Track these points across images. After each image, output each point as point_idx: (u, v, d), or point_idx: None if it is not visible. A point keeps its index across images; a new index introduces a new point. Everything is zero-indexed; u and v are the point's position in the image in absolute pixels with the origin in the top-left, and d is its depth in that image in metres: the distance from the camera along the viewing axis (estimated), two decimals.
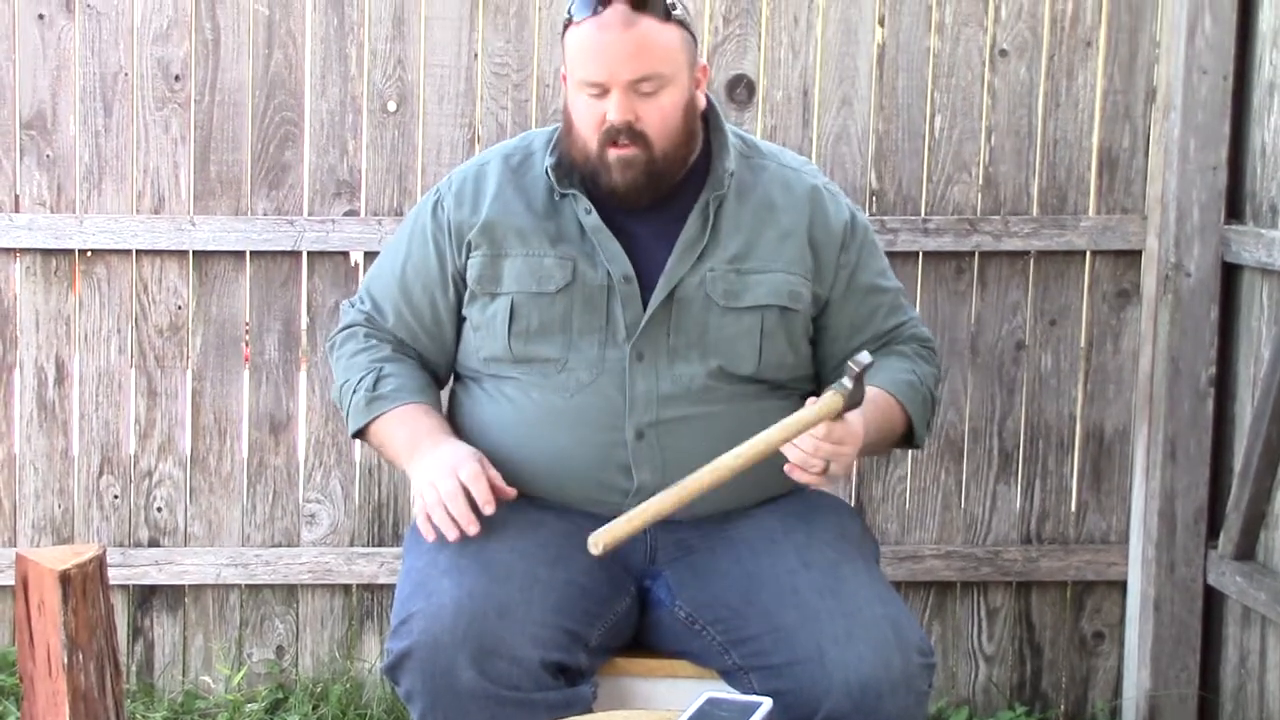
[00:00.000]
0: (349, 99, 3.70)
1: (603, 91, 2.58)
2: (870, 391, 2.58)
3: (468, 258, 2.73)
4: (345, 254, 3.74)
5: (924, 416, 2.78)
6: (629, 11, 2.56)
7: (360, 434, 2.80)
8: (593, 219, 2.66)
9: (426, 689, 2.45)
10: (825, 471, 2.48)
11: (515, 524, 2.59)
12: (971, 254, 3.72)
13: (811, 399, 2.47)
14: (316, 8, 3.68)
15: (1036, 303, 3.76)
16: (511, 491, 2.59)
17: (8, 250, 3.68)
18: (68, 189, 3.68)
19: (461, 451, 2.60)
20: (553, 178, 2.69)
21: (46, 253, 3.69)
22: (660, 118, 2.59)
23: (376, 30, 3.69)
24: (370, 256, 3.73)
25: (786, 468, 2.48)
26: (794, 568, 2.55)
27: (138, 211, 3.69)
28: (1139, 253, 3.72)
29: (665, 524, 2.58)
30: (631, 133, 2.58)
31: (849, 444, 2.48)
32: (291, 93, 3.70)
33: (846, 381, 2.45)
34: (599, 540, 2.41)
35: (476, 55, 3.70)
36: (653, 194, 2.64)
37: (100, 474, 3.74)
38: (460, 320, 2.79)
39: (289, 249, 3.70)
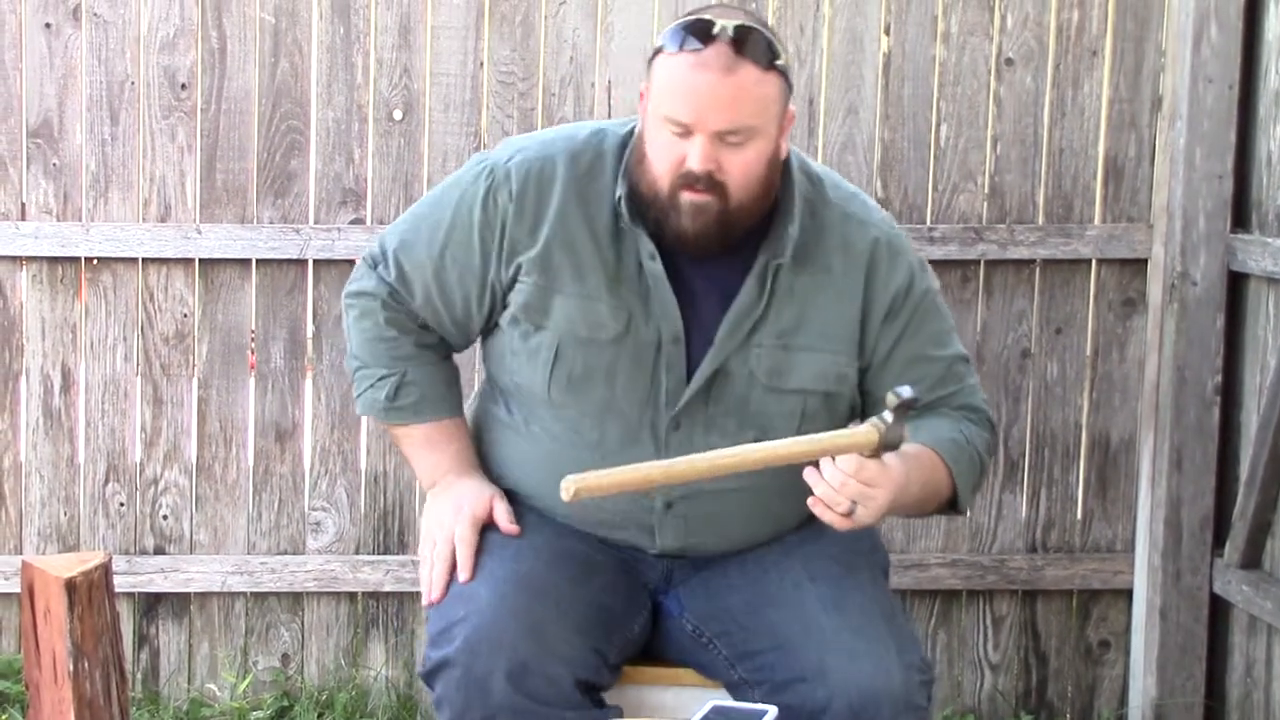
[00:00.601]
0: (355, 107, 3.71)
1: (686, 132, 2.40)
2: (913, 447, 2.44)
3: (515, 278, 2.55)
4: (351, 262, 3.73)
5: (970, 479, 2.58)
6: (731, 55, 2.37)
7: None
8: (656, 267, 2.49)
9: (460, 699, 2.44)
10: (850, 514, 2.33)
11: (542, 533, 2.59)
12: (977, 263, 3.72)
13: (854, 424, 2.35)
14: (323, 16, 3.69)
15: (1042, 311, 3.76)
16: (514, 529, 2.58)
17: (14, 258, 3.69)
18: (74, 197, 3.69)
19: (468, 496, 2.61)
20: (625, 211, 2.50)
21: (53, 261, 3.69)
22: (743, 170, 2.42)
23: (383, 39, 3.69)
24: None
25: (810, 501, 2.35)
26: (800, 581, 2.54)
27: (144, 220, 3.69)
28: (1145, 261, 3.72)
29: (684, 557, 2.61)
30: (710, 181, 2.40)
31: (881, 488, 2.32)
32: (297, 101, 3.70)
33: (886, 415, 2.28)
34: (571, 485, 2.21)
35: (482, 64, 3.70)
36: (721, 244, 2.47)
37: (106, 482, 3.74)
38: (490, 323, 2.64)
39: (294, 257, 3.71)
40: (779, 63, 2.43)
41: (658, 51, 2.46)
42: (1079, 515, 3.81)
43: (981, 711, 3.84)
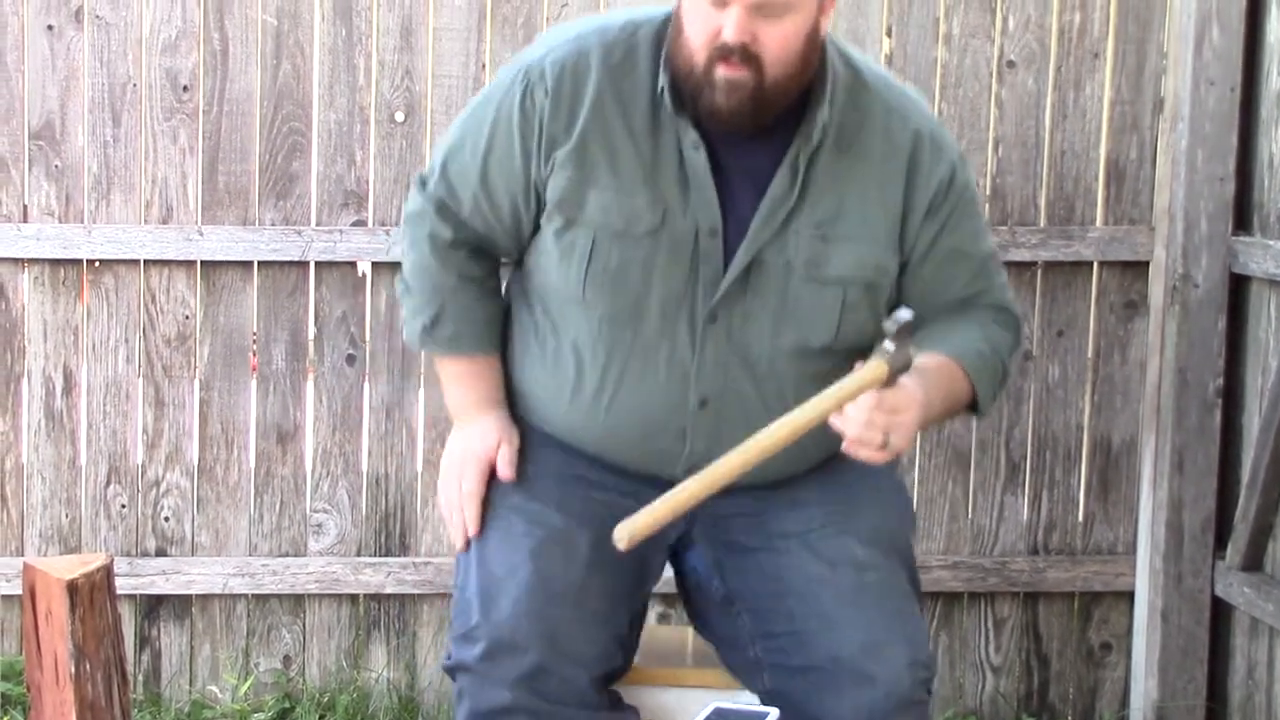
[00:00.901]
0: (357, 109, 3.71)
1: (722, 4, 2.35)
2: (935, 360, 2.45)
3: (551, 173, 2.51)
4: (352, 264, 3.75)
5: (991, 388, 2.58)
6: None
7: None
8: (699, 157, 2.45)
9: (478, 699, 2.51)
10: (886, 446, 2.32)
11: (559, 483, 2.61)
12: None
13: (859, 364, 2.34)
14: (325, 18, 3.69)
15: (1044, 313, 3.76)
16: (510, 475, 2.62)
17: (16, 260, 3.69)
18: (76, 199, 3.69)
19: (476, 438, 2.64)
20: (669, 100, 2.45)
21: (55, 263, 3.69)
22: (780, 44, 2.36)
23: (385, 41, 3.69)
24: (378, 267, 3.74)
25: (844, 446, 2.34)
26: (823, 573, 2.53)
27: (146, 221, 3.70)
28: (1147, 263, 3.72)
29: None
30: (745, 54, 2.35)
31: (906, 411, 2.32)
32: (299, 103, 3.70)
33: (888, 344, 2.29)
34: (624, 535, 2.29)
35: (484, 66, 3.70)
36: (755, 122, 2.42)
37: (108, 483, 3.74)
38: (536, 227, 2.60)
39: (296, 259, 3.71)
40: None
41: None
42: (1080, 518, 3.81)
43: (984, 713, 3.84)
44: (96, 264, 3.71)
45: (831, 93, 2.48)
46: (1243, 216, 3.58)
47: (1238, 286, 3.59)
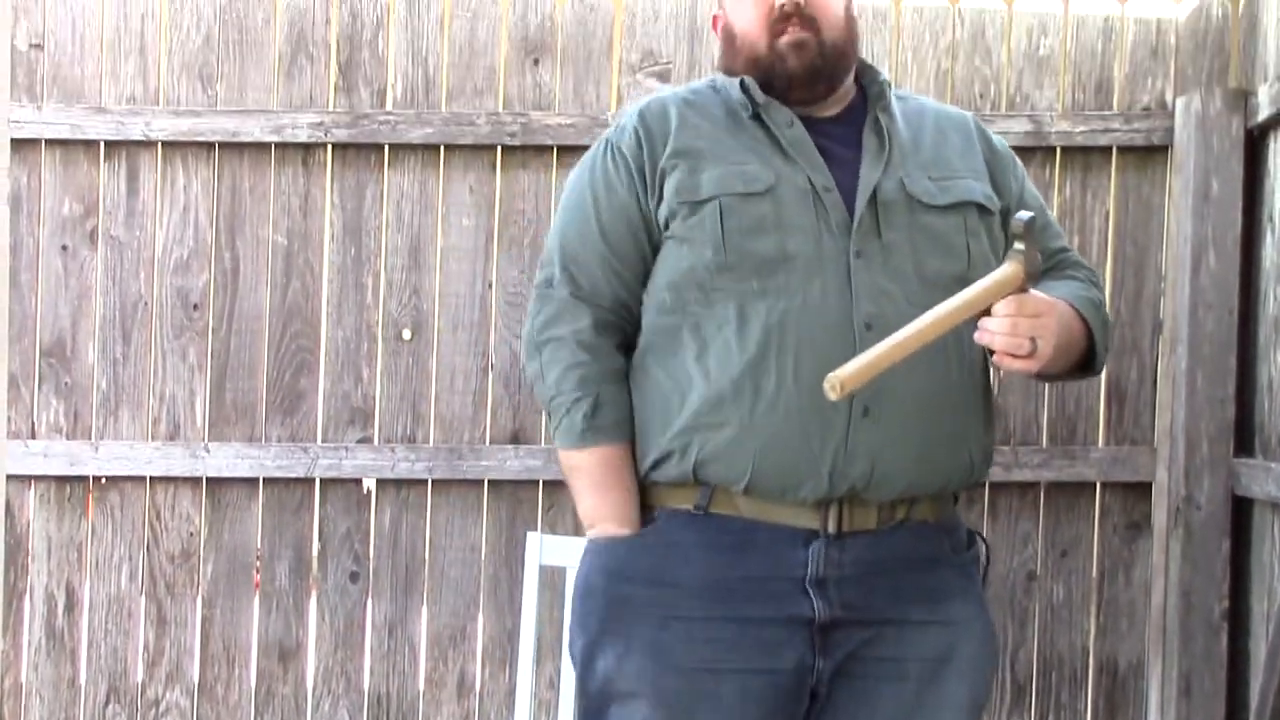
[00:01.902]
0: (364, 327, 3.75)
1: None
2: (1061, 304, 2.53)
3: (663, 185, 2.59)
4: (357, 481, 3.76)
5: (1104, 338, 2.67)
6: None
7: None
8: (797, 130, 2.58)
9: None
10: (1034, 353, 2.39)
11: (688, 658, 2.55)
12: (981, 485, 3.73)
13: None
14: (334, 238, 3.75)
15: (1048, 534, 3.76)
16: None
17: (23, 477, 3.70)
18: (84, 416, 3.72)
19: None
20: (753, 90, 2.60)
21: (61, 479, 3.71)
22: (826, 5, 2.59)
23: (393, 260, 3.75)
24: (383, 484, 3.75)
25: (995, 358, 2.41)
26: None
27: (153, 438, 3.72)
28: (1149, 485, 3.73)
29: (831, 638, 2.54)
30: (802, 16, 2.56)
31: (1046, 313, 2.41)
32: (308, 321, 3.75)
33: (1017, 245, 2.37)
34: (837, 383, 2.29)
35: (491, 285, 3.75)
36: (828, 82, 2.60)
37: (107, 703, 3.72)
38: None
39: (302, 476, 3.72)
40: None
41: None
42: None
43: None
44: (102, 480, 3.73)
45: (889, 83, 2.67)
46: (1244, 438, 3.60)
47: (1241, 509, 3.59)
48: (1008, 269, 2.39)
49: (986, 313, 2.39)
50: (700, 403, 2.52)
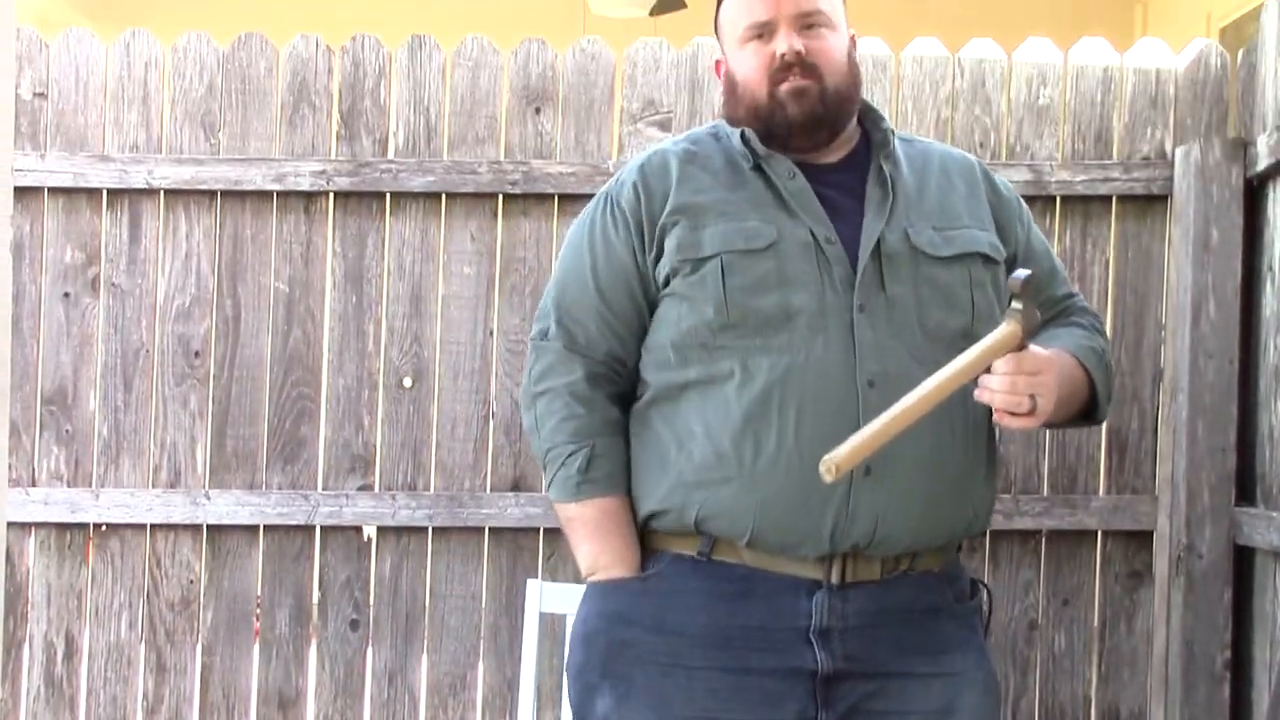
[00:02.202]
0: (365, 375, 3.76)
1: (769, 33, 2.58)
2: (1055, 352, 2.53)
3: (662, 241, 2.58)
4: (358, 528, 3.76)
5: (1107, 387, 2.69)
6: None
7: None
8: (798, 181, 2.58)
9: None
10: (1034, 411, 2.40)
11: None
12: (982, 533, 3.72)
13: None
14: (336, 286, 3.76)
15: (1049, 582, 3.75)
16: None
17: (23, 525, 3.70)
18: (85, 463, 3.72)
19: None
20: (753, 141, 2.60)
21: (61, 527, 3.71)
22: (827, 53, 2.59)
23: (394, 308, 3.76)
24: (383, 531, 3.74)
25: (995, 416, 2.42)
26: None
27: (153, 485, 3.72)
28: (1150, 533, 3.72)
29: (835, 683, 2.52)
30: (803, 65, 2.57)
31: (1045, 371, 2.41)
32: (309, 368, 3.75)
33: (1014, 304, 2.37)
34: (833, 465, 2.30)
35: (492, 332, 3.76)
36: (830, 129, 2.60)
37: None
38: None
39: (302, 523, 3.72)
40: None
41: (720, 6, 2.66)
42: None
43: None
44: (103, 528, 3.72)
45: (892, 131, 2.66)
46: (1245, 487, 3.59)
47: (1242, 558, 3.59)
48: (1005, 330, 2.39)
49: (987, 370, 2.41)
50: (701, 458, 2.52)
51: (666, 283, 2.58)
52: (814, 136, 2.60)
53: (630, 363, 2.64)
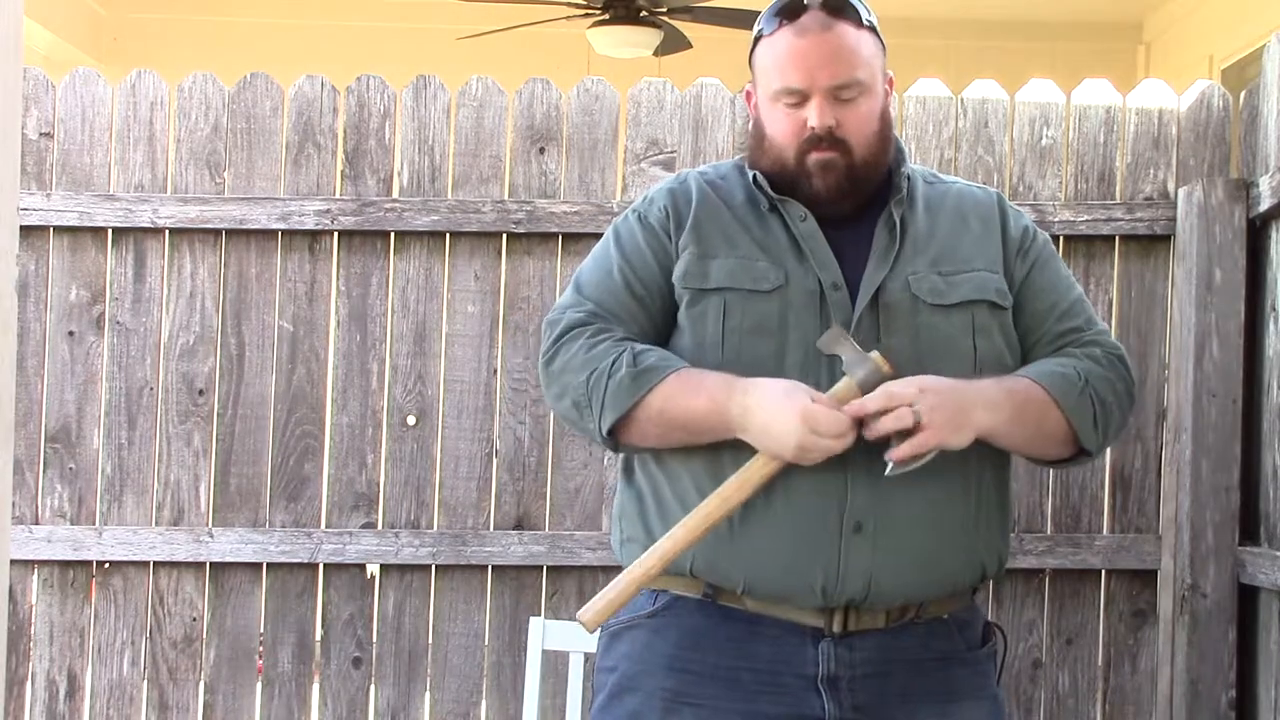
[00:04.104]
0: (369, 413, 3.76)
1: (802, 100, 2.51)
2: (1010, 378, 2.51)
3: (676, 257, 2.57)
4: (361, 566, 3.76)
5: (1085, 414, 2.54)
6: (826, 17, 2.52)
7: (621, 423, 2.49)
8: (809, 225, 2.54)
9: None
10: (920, 423, 2.34)
11: None
12: (996, 579, 3.71)
13: None
14: (339, 324, 3.77)
15: (1053, 621, 3.75)
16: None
17: (26, 562, 3.70)
18: (88, 501, 3.72)
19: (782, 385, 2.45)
20: (765, 187, 2.57)
21: (64, 564, 3.71)
22: (860, 124, 2.53)
23: (398, 347, 3.76)
24: (386, 569, 3.74)
25: (892, 453, 2.36)
26: None
27: (157, 523, 3.72)
28: (1154, 572, 3.72)
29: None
30: (832, 139, 2.51)
31: (929, 389, 2.36)
32: (313, 407, 3.76)
33: (843, 370, 2.41)
34: (588, 619, 2.40)
35: (496, 371, 3.76)
36: (854, 199, 2.55)
37: None
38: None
39: (305, 561, 3.72)
40: (869, 19, 2.57)
41: (756, 41, 2.58)
42: None
43: None
44: (106, 565, 3.72)
45: (909, 177, 2.62)
46: (1249, 527, 3.59)
47: (1246, 597, 3.58)
48: (840, 387, 2.41)
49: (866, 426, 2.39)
50: (691, 508, 2.48)
51: (678, 296, 2.56)
52: (837, 207, 2.56)
53: (656, 336, 2.57)
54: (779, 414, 2.39)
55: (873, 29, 2.57)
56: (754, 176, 2.60)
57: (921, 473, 2.39)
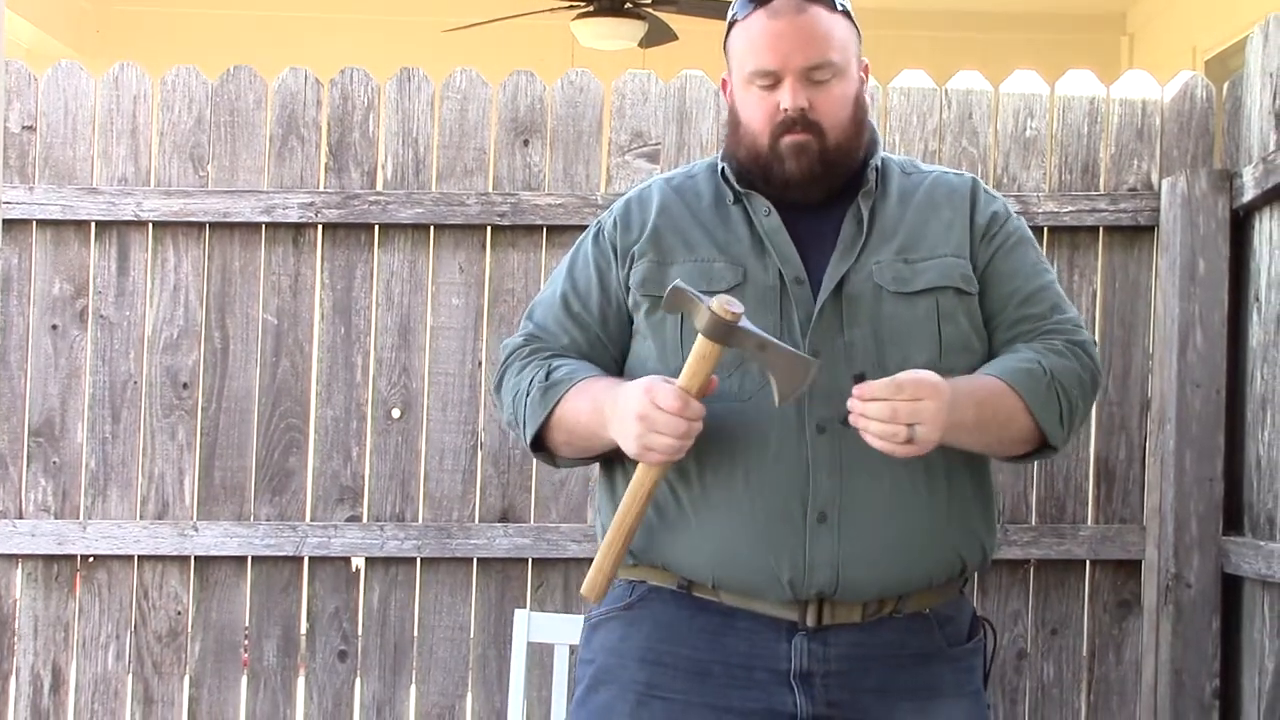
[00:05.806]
0: (354, 406, 3.76)
1: (775, 82, 2.51)
2: (973, 375, 2.47)
3: (631, 269, 2.58)
4: (346, 560, 3.76)
5: (1051, 410, 2.50)
6: (800, 1, 2.53)
7: (541, 440, 2.54)
8: (773, 220, 2.54)
9: None
10: (912, 440, 2.31)
11: None
12: (984, 570, 3.72)
13: None
14: (324, 317, 3.76)
15: (1037, 611, 3.75)
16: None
17: (9, 556, 3.70)
18: (72, 495, 3.71)
19: (639, 384, 2.43)
20: (731, 179, 2.58)
21: (48, 558, 3.70)
22: (833, 107, 2.53)
23: (383, 339, 3.76)
24: (371, 562, 3.74)
25: (870, 440, 2.32)
26: None
27: (141, 517, 3.72)
28: (1139, 563, 3.73)
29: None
30: (805, 121, 2.50)
31: (929, 397, 2.32)
32: (297, 400, 3.75)
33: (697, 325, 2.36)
34: (590, 592, 2.44)
35: (480, 364, 3.76)
36: (826, 185, 2.54)
37: None
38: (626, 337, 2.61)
39: (290, 554, 3.72)
40: (842, 4, 2.57)
41: (731, 27, 2.59)
42: None
43: None
44: (90, 559, 3.72)
45: (879, 168, 2.61)
46: (1233, 517, 3.60)
47: (1230, 587, 3.59)
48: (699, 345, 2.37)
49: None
50: (658, 502, 2.49)
51: (636, 304, 2.57)
52: (809, 192, 2.55)
53: (593, 351, 2.59)
54: (624, 416, 2.40)
55: (846, 14, 2.58)
56: (721, 170, 2.60)
57: (886, 463, 2.38)
